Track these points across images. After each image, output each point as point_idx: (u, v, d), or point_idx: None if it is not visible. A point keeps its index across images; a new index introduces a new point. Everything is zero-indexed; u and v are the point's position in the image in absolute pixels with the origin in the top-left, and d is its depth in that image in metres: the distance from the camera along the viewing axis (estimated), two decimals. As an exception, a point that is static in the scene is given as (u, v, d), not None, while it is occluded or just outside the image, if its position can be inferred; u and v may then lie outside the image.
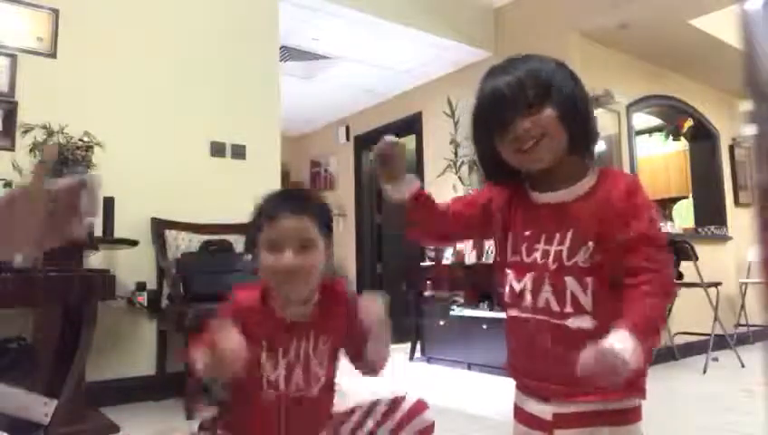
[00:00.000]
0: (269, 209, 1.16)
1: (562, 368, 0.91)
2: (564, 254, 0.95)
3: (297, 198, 1.20)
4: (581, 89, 1.01)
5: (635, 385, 0.92)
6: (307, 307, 1.18)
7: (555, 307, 0.95)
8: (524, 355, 1.00)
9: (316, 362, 1.17)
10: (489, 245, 3.92)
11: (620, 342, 0.82)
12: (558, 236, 0.96)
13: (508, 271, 1.02)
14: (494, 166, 1.05)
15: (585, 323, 0.92)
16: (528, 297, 0.98)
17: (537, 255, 0.97)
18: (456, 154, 4.34)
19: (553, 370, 0.94)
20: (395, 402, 1.20)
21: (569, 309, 0.93)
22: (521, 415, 1.00)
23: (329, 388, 1.21)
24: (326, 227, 1.19)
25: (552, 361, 0.95)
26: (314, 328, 1.18)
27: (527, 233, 1.00)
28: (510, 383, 1.04)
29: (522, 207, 1.03)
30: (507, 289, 1.03)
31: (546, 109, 0.95)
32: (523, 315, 0.99)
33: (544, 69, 1.00)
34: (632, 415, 0.93)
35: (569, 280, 0.93)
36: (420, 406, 1.20)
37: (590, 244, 0.93)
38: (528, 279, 0.98)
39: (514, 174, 1.04)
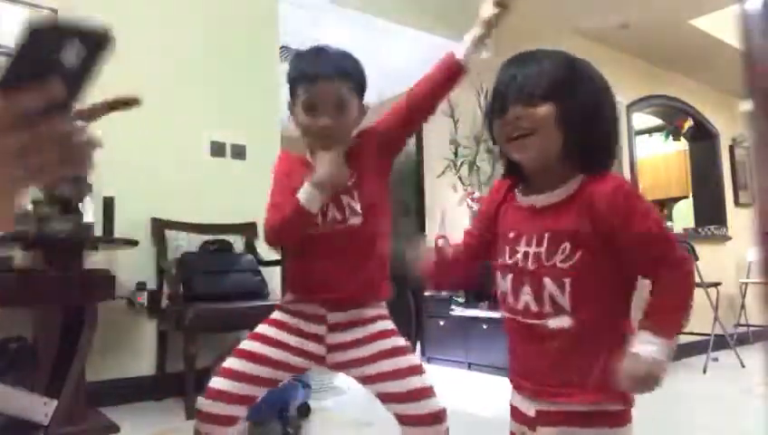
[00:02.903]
0: (307, 69, 1.26)
1: (544, 367, 0.93)
2: (543, 255, 0.94)
3: (332, 60, 1.28)
4: (597, 94, 0.99)
5: (617, 391, 0.90)
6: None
7: (534, 308, 0.95)
8: (513, 354, 1.02)
9: (347, 196, 1.28)
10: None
11: (645, 344, 0.87)
12: (536, 237, 0.96)
13: (497, 272, 1.03)
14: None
15: (564, 322, 0.92)
16: (510, 298, 0.99)
17: (519, 256, 0.97)
18: (456, 154, 4.34)
19: (536, 369, 0.95)
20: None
21: (548, 309, 0.93)
22: (512, 412, 1.02)
23: (372, 216, 1.29)
24: (360, 86, 1.31)
25: (534, 360, 0.96)
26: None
27: (511, 235, 1.00)
28: (508, 383, 1.04)
29: (509, 210, 1.03)
30: (498, 290, 1.03)
31: (545, 105, 0.93)
32: (509, 316, 1.00)
33: (561, 66, 0.98)
34: (618, 418, 0.92)
35: (546, 281, 0.93)
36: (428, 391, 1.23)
37: (566, 245, 0.92)
38: (509, 281, 0.99)
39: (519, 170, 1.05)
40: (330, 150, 1.24)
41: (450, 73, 1.29)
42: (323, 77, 1.24)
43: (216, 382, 1.24)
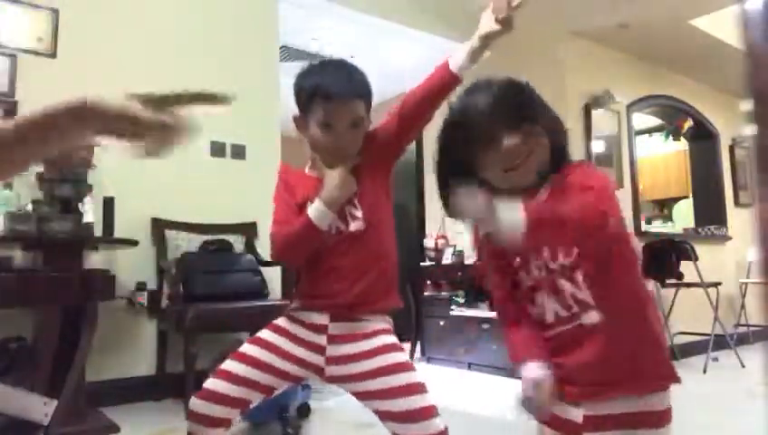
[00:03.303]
0: (326, 87, 1.25)
1: (588, 367, 0.93)
2: (548, 259, 0.96)
3: (347, 79, 1.28)
4: (539, 96, 1.03)
5: (660, 373, 0.93)
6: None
7: (563, 313, 0.96)
8: (553, 364, 0.99)
9: (348, 205, 1.29)
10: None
11: (505, 204, 0.85)
12: (537, 249, 0.97)
13: (526, 299, 1.02)
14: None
15: (593, 318, 0.93)
16: (546, 315, 0.99)
17: (534, 273, 0.98)
18: (455, 154, 4.34)
19: (580, 371, 0.95)
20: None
21: (575, 309, 0.95)
22: (552, 422, 0.99)
23: (373, 221, 1.30)
24: (370, 102, 1.32)
25: (577, 362, 0.95)
26: None
27: (517, 261, 1.00)
28: (508, 383, 1.04)
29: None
30: (534, 313, 1.02)
31: (534, 126, 0.95)
32: (548, 333, 0.99)
33: (518, 86, 1.00)
34: (663, 417, 0.94)
35: (561, 282, 0.95)
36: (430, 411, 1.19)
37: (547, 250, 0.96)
38: (541, 298, 0.99)
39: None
40: (339, 166, 1.26)
41: (444, 83, 1.28)
42: (343, 97, 1.24)
43: (210, 383, 1.24)
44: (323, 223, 1.24)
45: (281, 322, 1.33)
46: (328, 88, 1.24)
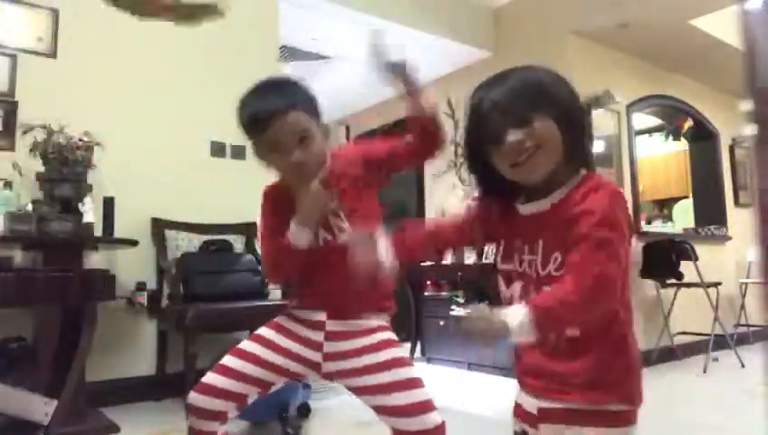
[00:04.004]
0: (257, 114, 1.23)
1: (551, 367, 0.94)
2: (539, 264, 0.95)
3: (276, 93, 1.26)
4: (577, 98, 1.00)
5: (619, 391, 0.91)
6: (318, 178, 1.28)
7: None
8: (519, 353, 1.02)
9: (334, 217, 1.29)
10: (489, 246, 3.92)
11: (511, 310, 0.87)
12: (533, 246, 0.96)
13: (499, 277, 1.04)
14: (489, 182, 1.04)
15: (570, 331, 0.93)
16: (518, 303, 0.97)
17: (525, 265, 0.98)
18: (456, 154, 4.34)
19: (543, 368, 0.96)
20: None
21: None
22: (517, 410, 1.02)
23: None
24: (314, 110, 1.28)
25: (540, 360, 0.96)
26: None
27: (517, 243, 1.00)
28: (508, 383, 1.05)
29: (511, 217, 1.02)
30: (504, 294, 1.04)
31: (540, 120, 0.93)
32: None
33: (538, 78, 0.98)
34: (622, 418, 0.92)
35: (547, 288, 0.93)
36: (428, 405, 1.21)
37: (557, 254, 0.92)
38: (517, 287, 0.99)
39: (508, 189, 1.04)
40: (306, 183, 1.24)
41: (417, 130, 1.28)
42: (274, 114, 1.21)
43: (208, 378, 1.26)
44: (301, 242, 1.24)
45: (279, 319, 1.35)
46: (257, 113, 1.23)
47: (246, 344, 1.30)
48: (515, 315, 0.85)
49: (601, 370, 0.91)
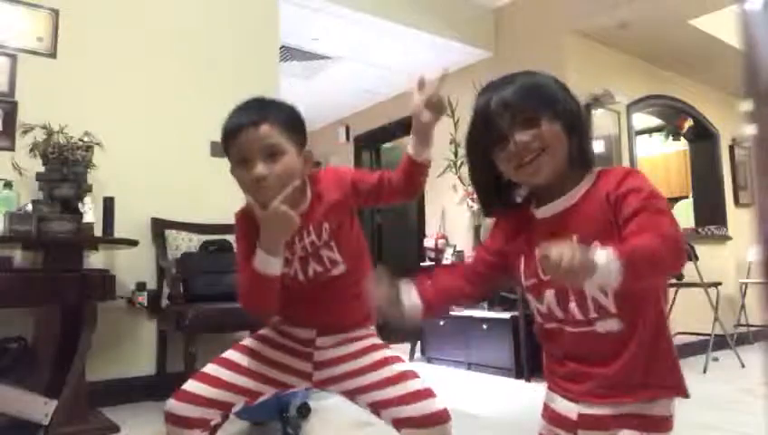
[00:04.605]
0: (229, 126, 1.19)
1: (593, 373, 0.92)
2: None
3: (254, 108, 1.21)
4: (578, 102, 1.01)
5: (670, 384, 0.91)
6: (300, 209, 1.21)
7: (579, 316, 0.94)
8: (557, 361, 1.00)
9: (326, 250, 1.24)
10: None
11: (597, 250, 0.80)
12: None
13: (528, 296, 1.01)
14: (492, 191, 1.04)
15: (612, 325, 0.92)
16: (556, 312, 0.97)
17: None
18: (456, 154, 4.34)
19: (581, 373, 0.94)
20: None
21: (593, 314, 0.93)
22: (548, 413, 1.00)
23: (354, 261, 1.27)
24: (292, 129, 1.20)
25: (582, 365, 0.95)
26: (312, 220, 1.24)
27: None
28: (508, 383, 1.04)
29: (528, 228, 1.01)
30: (535, 312, 1.02)
31: (547, 122, 0.94)
32: (553, 325, 0.98)
33: (542, 82, 0.99)
34: (662, 424, 0.91)
35: (587, 285, 0.91)
36: (427, 392, 1.19)
37: (596, 243, 0.88)
38: (550, 295, 0.96)
39: (513, 200, 1.04)
40: (269, 206, 1.14)
41: (412, 171, 1.25)
42: (246, 125, 1.16)
43: (188, 385, 1.22)
44: (270, 269, 1.16)
45: (265, 331, 1.33)
46: (232, 125, 1.18)
47: (230, 354, 1.27)
48: (603, 255, 0.79)
49: (648, 366, 0.91)
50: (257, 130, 1.16)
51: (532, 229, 1.01)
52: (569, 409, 0.95)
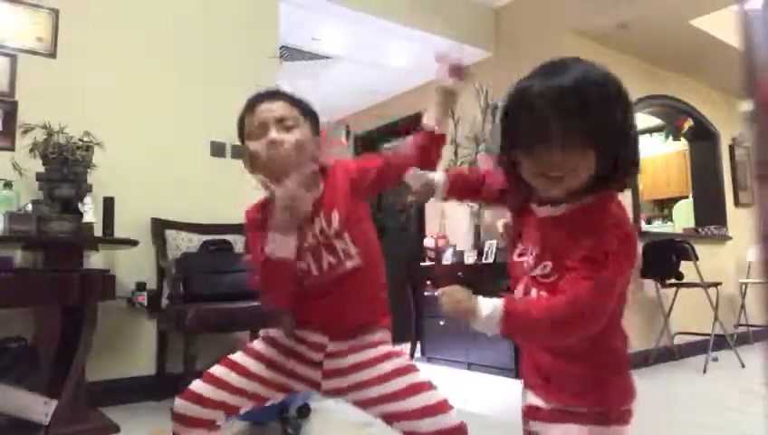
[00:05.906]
0: (248, 101, 1.28)
1: (536, 369, 0.97)
2: (531, 264, 0.95)
3: (272, 90, 1.30)
4: (630, 116, 0.89)
5: (602, 399, 0.90)
6: (312, 196, 1.21)
7: None
8: (521, 354, 1.05)
9: (339, 241, 1.23)
10: (489, 245, 3.92)
11: (487, 300, 0.87)
12: (532, 248, 0.96)
13: (513, 271, 1.02)
14: (513, 176, 0.99)
15: None
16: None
17: (525, 265, 0.97)
18: (456, 154, 4.34)
19: (531, 369, 0.99)
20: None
21: None
22: (522, 406, 1.04)
23: (367, 253, 1.27)
24: (308, 113, 1.28)
25: (529, 361, 1.00)
26: (322, 208, 1.24)
27: (524, 242, 1.00)
28: (508, 383, 1.06)
29: (526, 215, 1.01)
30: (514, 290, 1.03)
31: (582, 152, 0.85)
32: None
33: (595, 92, 0.85)
34: (613, 417, 0.91)
35: (533, 291, 0.94)
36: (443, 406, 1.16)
37: (548, 264, 0.90)
38: (521, 288, 0.98)
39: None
40: (283, 176, 1.15)
41: (427, 148, 1.30)
42: (264, 99, 1.26)
43: (196, 386, 1.22)
44: (283, 252, 1.14)
45: (275, 334, 1.30)
46: (251, 99, 1.28)
47: (238, 356, 1.26)
48: (488, 307, 0.86)
49: (594, 377, 0.92)
50: (274, 102, 1.25)
51: (526, 219, 1.00)
52: (525, 400, 1.01)
